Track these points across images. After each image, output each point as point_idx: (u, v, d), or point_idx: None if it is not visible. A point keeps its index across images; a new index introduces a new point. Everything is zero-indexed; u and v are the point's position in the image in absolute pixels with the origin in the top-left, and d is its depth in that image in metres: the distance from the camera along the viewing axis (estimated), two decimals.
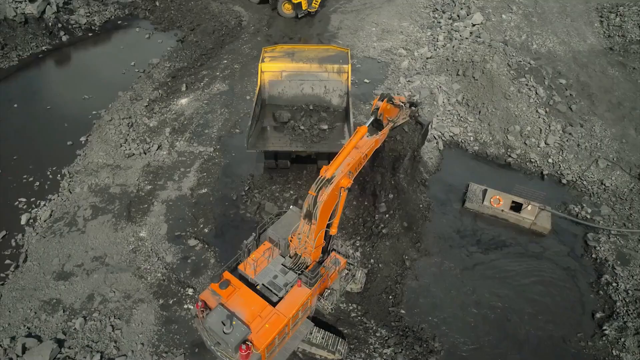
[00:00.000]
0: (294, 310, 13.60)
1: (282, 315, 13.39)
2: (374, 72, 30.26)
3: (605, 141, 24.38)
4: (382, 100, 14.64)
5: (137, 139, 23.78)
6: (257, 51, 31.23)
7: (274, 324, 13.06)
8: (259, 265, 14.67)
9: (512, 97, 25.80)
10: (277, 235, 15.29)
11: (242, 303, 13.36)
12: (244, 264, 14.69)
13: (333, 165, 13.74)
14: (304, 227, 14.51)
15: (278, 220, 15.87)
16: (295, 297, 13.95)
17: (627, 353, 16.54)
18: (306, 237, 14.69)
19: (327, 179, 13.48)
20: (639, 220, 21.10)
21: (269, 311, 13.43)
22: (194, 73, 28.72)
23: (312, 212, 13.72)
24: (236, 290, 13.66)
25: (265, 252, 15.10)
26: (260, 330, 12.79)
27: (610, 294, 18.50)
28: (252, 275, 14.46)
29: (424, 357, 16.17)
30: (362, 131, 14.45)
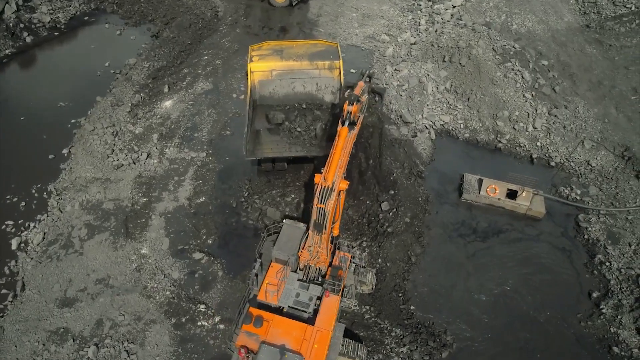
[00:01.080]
0: (332, 321, 13.75)
1: (324, 330, 13.49)
2: (359, 61, 29.71)
3: (590, 122, 25.03)
4: (353, 104, 14.57)
5: (125, 149, 22.72)
6: (237, 44, 30.12)
7: (321, 342, 13.13)
8: (277, 289, 14.49)
9: (499, 82, 25.96)
10: (284, 254, 15.14)
11: (282, 333, 13.22)
12: (263, 293, 14.44)
13: (330, 172, 13.64)
14: (314, 239, 14.43)
15: (278, 239, 15.62)
16: (329, 308, 14.04)
17: (624, 330, 17.50)
18: (318, 247, 14.64)
19: (330, 188, 13.35)
20: (625, 199, 21.99)
21: (311, 331, 13.45)
22: (175, 72, 27.44)
23: (323, 223, 13.63)
24: (270, 322, 13.45)
25: (278, 274, 14.92)
26: (312, 353, 12.80)
27: (604, 273, 19.39)
28: (275, 301, 14.29)
29: (438, 351, 16.63)
30: (345, 133, 14.41)
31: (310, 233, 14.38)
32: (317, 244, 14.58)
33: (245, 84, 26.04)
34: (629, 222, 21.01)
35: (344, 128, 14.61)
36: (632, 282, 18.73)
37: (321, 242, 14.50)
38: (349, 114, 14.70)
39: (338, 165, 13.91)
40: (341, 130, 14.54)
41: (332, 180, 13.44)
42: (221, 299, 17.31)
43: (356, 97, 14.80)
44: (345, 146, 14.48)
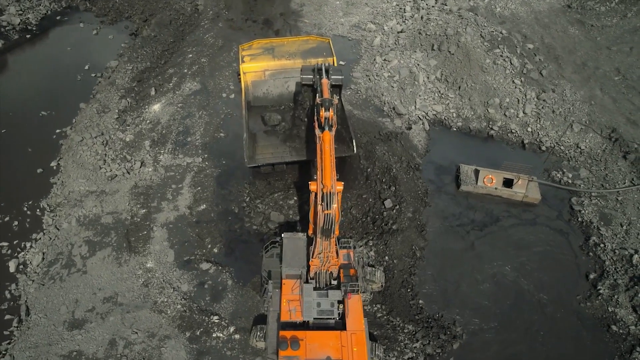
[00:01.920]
0: (362, 320, 14.02)
1: (358, 332, 13.71)
2: (347, 52, 29.28)
3: (577, 104, 25.50)
4: (329, 110, 14.52)
5: (117, 158, 22.01)
6: (222, 40, 29.22)
7: (359, 343, 13.41)
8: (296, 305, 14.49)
9: (489, 69, 26.07)
10: (294, 269, 15.10)
11: (320, 346, 13.36)
12: (286, 313, 14.38)
13: (327, 178, 13.61)
14: (323, 245, 14.41)
15: (283, 255, 15.53)
16: (355, 308, 14.26)
17: (620, 308, 18.32)
18: (327, 252, 14.66)
19: (331, 192, 13.31)
20: (614, 180, 22.71)
21: (345, 335, 13.63)
22: (160, 73, 26.49)
23: (331, 227, 13.63)
24: (304, 340, 13.48)
25: (293, 289, 14.90)
26: (355, 356, 13.01)
27: (599, 254, 20.13)
28: (299, 317, 14.29)
29: (449, 343, 17.09)
30: (329, 137, 14.47)
31: (319, 240, 14.34)
32: (326, 249, 14.59)
33: (235, 82, 25.60)
34: (619, 202, 21.76)
35: (327, 133, 14.51)
36: (626, 262, 19.52)
37: (330, 246, 14.52)
38: (327, 120, 14.57)
39: (331, 169, 13.88)
40: (324, 136, 14.44)
41: (330, 185, 13.39)
42: (234, 308, 17.25)
43: (330, 102, 14.69)
44: (331, 150, 14.44)
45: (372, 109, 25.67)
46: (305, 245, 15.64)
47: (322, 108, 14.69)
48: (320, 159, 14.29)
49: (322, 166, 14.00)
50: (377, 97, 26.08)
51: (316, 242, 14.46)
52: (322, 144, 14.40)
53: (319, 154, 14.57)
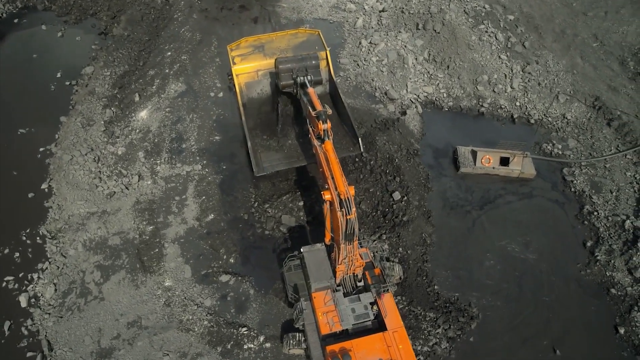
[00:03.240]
0: (399, 317, 14.51)
1: (399, 329, 14.17)
2: (330, 36, 28.47)
3: (560, 75, 26.10)
4: (327, 122, 14.56)
5: (112, 174, 21.10)
6: (199, 33, 27.80)
7: (402, 340, 13.86)
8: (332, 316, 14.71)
9: (475, 46, 26.12)
10: (322, 282, 15.27)
11: (368, 352, 13.68)
12: (325, 326, 14.57)
13: (340, 185, 13.75)
14: (347, 249, 14.60)
15: (308, 270, 15.60)
16: (390, 307, 14.71)
17: (617, 272, 19.65)
18: (352, 256, 14.88)
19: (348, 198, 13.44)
20: (601, 148, 23.73)
21: (388, 336, 14.08)
22: (141, 76, 25.08)
23: (354, 231, 13.82)
24: (352, 350, 13.75)
25: (325, 300, 15.08)
26: (402, 354, 13.47)
27: (594, 222, 21.29)
28: (338, 327, 14.54)
29: (468, 324, 18.00)
30: (331, 147, 14.57)
31: (342, 246, 14.47)
32: (350, 252, 14.79)
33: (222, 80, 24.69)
34: (608, 170, 22.86)
35: (328, 142, 14.52)
36: (619, 227, 20.76)
37: (354, 250, 14.73)
38: (326, 131, 14.51)
39: (341, 174, 13.96)
40: (326, 146, 14.44)
41: (345, 190, 13.51)
42: (260, 317, 17.42)
43: (325, 113, 14.62)
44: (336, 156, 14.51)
45: (364, 95, 25.42)
46: (326, 256, 15.77)
47: (319, 121, 14.43)
48: (328, 168, 14.23)
49: (331, 174, 13.99)
50: (367, 83, 25.79)
51: (340, 248, 14.58)
52: (326, 153, 14.27)
53: (324, 164, 14.49)
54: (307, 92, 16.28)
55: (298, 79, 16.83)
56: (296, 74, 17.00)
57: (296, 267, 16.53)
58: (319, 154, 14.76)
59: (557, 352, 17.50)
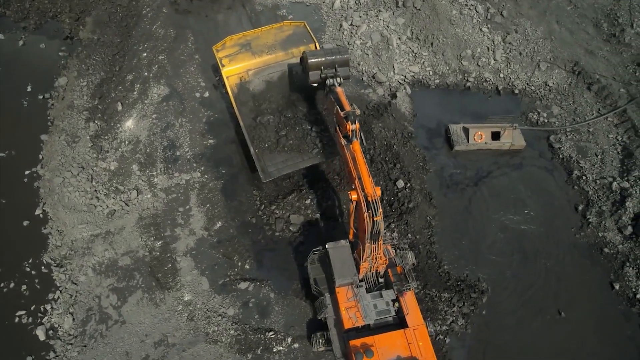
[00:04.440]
0: (420, 315, 15.03)
1: (419, 327, 14.73)
2: (309, 19, 27.42)
3: (540, 42, 26.42)
4: (356, 123, 14.51)
5: (109, 192, 20.32)
6: (172, 29, 26.34)
7: (423, 338, 14.42)
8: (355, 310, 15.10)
9: (457, 21, 25.95)
10: (346, 278, 15.58)
11: (390, 348, 14.20)
12: (348, 321, 14.95)
13: (367, 186, 13.94)
14: (371, 248, 14.91)
15: (333, 266, 15.84)
16: (412, 305, 15.22)
17: (609, 232, 20.88)
18: (376, 254, 15.23)
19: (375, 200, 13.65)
20: (583, 113, 24.55)
21: (409, 333, 14.61)
22: (120, 82, 23.74)
23: (379, 232, 14.11)
24: (374, 345, 14.20)
25: (348, 295, 15.44)
26: (422, 351, 14.03)
27: (583, 186, 22.34)
28: (360, 322, 14.96)
29: (479, 299, 18.93)
30: (358, 147, 14.59)
31: (367, 245, 14.75)
32: (375, 251, 15.11)
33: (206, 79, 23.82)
34: (591, 134, 23.77)
35: (356, 143, 14.46)
36: (607, 189, 21.87)
37: (379, 248, 15.05)
38: (355, 131, 14.44)
39: (369, 176, 14.07)
40: (355, 146, 14.41)
41: (372, 192, 13.67)
42: (285, 319, 17.71)
43: (354, 114, 14.51)
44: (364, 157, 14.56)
45: (351, 81, 25.02)
46: (350, 252, 16.03)
47: (347, 122, 14.29)
48: (355, 169, 14.24)
49: (358, 175, 14.04)
50: (353, 67, 25.35)
51: (365, 246, 14.82)
52: (354, 154, 14.23)
53: (351, 164, 14.48)
54: (335, 91, 15.81)
55: (328, 80, 16.29)
56: (325, 73, 16.43)
57: (319, 261, 16.71)
58: (346, 154, 14.69)
59: (562, 314, 18.73)
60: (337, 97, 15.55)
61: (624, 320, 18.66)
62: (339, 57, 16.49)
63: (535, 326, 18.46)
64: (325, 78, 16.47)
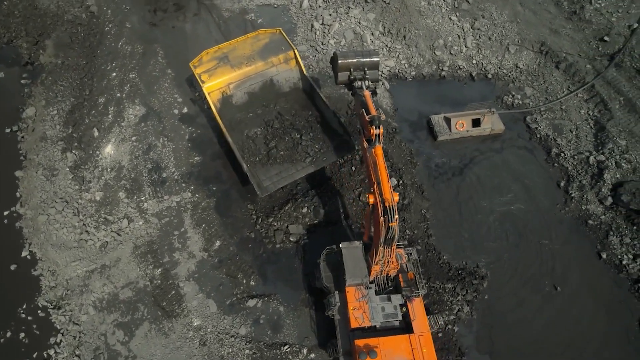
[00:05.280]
0: (426, 322, 15.17)
1: (424, 333, 14.87)
2: (278, 22, 27.04)
3: (506, 26, 26.93)
4: (380, 127, 14.48)
5: (98, 224, 19.47)
6: (139, 44, 25.23)
7: (427, 344, 14.57)
8: (363, 311, 15.20)
9: (426, 12, 26.05)
10: (356, 279, 15.65)
11: (393, 351, 14.30)
12: (355, 321, 15.05)
13: (386, 191, 13.94)
14: (385, 252, 15.01)
15: (345, 265, 15.87)
16: (419, 311, 15.35)
17: (591, 204, 21.80)
18: (388, 258, 15.34)
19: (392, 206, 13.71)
20: (554, 91, 25.33)
21: (414, 338, 14.74)
22: (92, 107, 22.59)
23: (393, 237, 14.19)
24: (378, 346, 14.34)
25: (357, 296, 15.53)
26: (425, 358, 14.20)
27: (562, 162, 23.17)
28: (367, 323, 15.09)
29: (480, 284, 19.48)
30: (381, 152, 14.53)
31: (380, 248, 14.79)
32: (387, 255, 15.20)
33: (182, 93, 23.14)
34: (564, 111, 24.61)
35: (379, 147, 14.37)
36: (585, 163, 22.76)
37: (391, 253, 15.13)
38: (377, 136, 14.41)
39: (388, 181, 14.10)
40: (377, 151, 14.30)
41: (390, 198, 13.71)
42: (298, 331, 17.66)
43: (378, 119, 14.37)
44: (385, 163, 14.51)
45: (330, 82, 24.81)
46: (363, 254, 16.10)
47: (372, 126, 14.17)
48: (374, 173, 14.21)
49: (377, 180, 14.01)
50: (330, 67, 25.08)
51: (378, 250, 14.87)
52: (375, 158, 14.20)
53: (371, 168, 14.44)
54: (362, 94, 15.55)
55: (356, 83, 15.88)
56: (354, 74, 16.03)
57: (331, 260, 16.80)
58: (367, 158, 14.61)
59: (558, 289, 19.55)
60: (364, 100, 15.30)
61: (614, 287, 19.65)
62: (369, 59, 16.06)
63: (535, 303, 19.18)
64: (353, 80, 16.09)
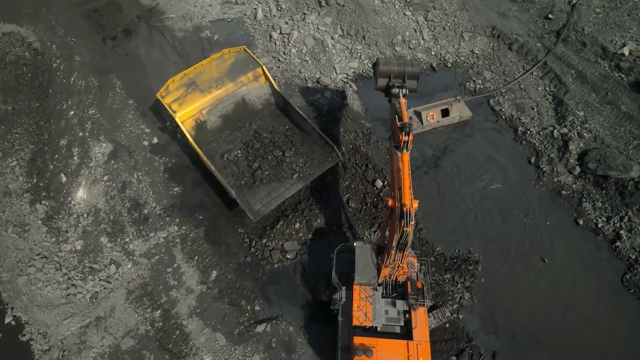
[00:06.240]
0: (427, 332, 15.19)
1: (423, 342, 14.89)
2: (236, 37, 26.35)
3: (458, 14, 27.61)
4: (409, 134, 14.54)
5: (84, 274, 18.30)
6: (93, 77, 23.81)
7: (424, 353, 14.60)
8: (367, 310, 15.24)
9: (381, 10, 26.19)
10: (365, 278, 15.69)
11: (390, 354, 14.37)
12: (357, 318, 15.08)
13: (406, 197, 13.93)
14: (396, 256, 15.03)
15: (356, 264, 15.91)
16: (421, 320, 15.36)
17: (561, 175, 22.86)
18: (399, 263, 15.39)
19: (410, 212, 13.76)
20: (511, 72, 26.28)
21: (413, 346, 14.76)
22: (55, 151, 21.11)
23: (407, 242, 14.25)
24: (376, 347, 14.37)
25: (363, 295, 15.57)
26: None
27: (529, 139, 24.16)
28: (369, 323, 15.16)
29: (476, 269, 20.06)
30: (407, 158, 14.59)
31: (392, 252, 14.78)
32: (398, 259, 15.22)
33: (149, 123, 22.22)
34: (524, 90, 25.59)
35: (406, 154, 14.43)
36: (550, 137, 23.82)
37: (402, 258, 15.17)
38: (406, 143, 14.39)
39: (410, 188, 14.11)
40: (403, 157, 14.36)
41: (409, 204, 13.73)
42: (312, 348, 17.46)
43: (409, 126, 14.39)
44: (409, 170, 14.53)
45: (298, 91, 24.57)
46: (375, 255, 16.12)
47: (402, 133, 14.21)
48: (397, 178, 14.21)
49: (399, 185, 14.00)
50: (296, 76, 24.84)
51: (390, 253, 14.86)
52: (401, 164, 14.22)
53: (396, 173, 14.48)
54: (398, 102, 15.55)
55: (394, 90, 15.84)
56: (393, 82, 15.96)
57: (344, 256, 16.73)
58: (394, 163, 14.68)
59: (546, 260, 20.46)
60: (398, 107, 15.36)
61: (595, 249, 20.75)
62: (409, 68, 16.02)
63: (528, 278, 19.93)
64: (391, 86, 16.04)
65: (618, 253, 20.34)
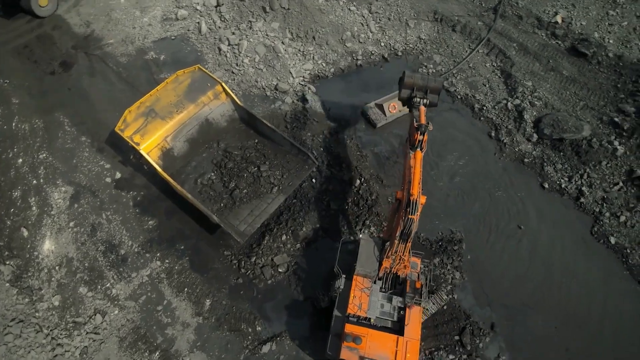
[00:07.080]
0: (419, 330, 15.37)
1: (413, 340, 15.09)
2: (183, 55, 25.27)
3: (399, 3, 28.00)
4: (424, 134, 14.80)
5: (69, 330, 17.01)
6: (40, 120, 22.00)
7: (412, 351, 14.82)
8: (362, 301, 15.34)
9: (326, 8, 26.04)
10: (366, 269, 15.77)
11: (377, 346, 14.58)
12: (352, 307, 15.15)
13: (415, 187, 14.16)
14: (399, 247, 15.14)
15: (359, 255, 15.97)
16: (415, 318, 15.53)
17: (521, 144, 23.75)
18: (401, 254, 15.52)
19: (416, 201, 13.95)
20: (459, 52, 27.11)
21: (402, 341, 14.95)
22: (9, 205, 19.31)
23: (410, 232, 14.41)
24: (366, 337, 14.55)
25: (362, 286, 15.66)
26: None
27: (486, 115, 25.09)
28: (363, 314, 15.31)
29: (460, 248, 20.64)
30: (420, 156, 14.92)
31: (395, 242, 14.85)
32: (401, 251, 15.30)
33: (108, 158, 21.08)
34: (473, 68, 26.50)
35: (419, 152, 14.80)
36: (505, 109, 24.83)
37: (405, 250, 15.27)
38: (420, 142, 14.72)
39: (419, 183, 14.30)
40: (417, 154, 14.73)
41: (417, 194, 13.91)
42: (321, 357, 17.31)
43: (425, 127, 14.68)
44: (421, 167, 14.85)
45: (257, 100, 24.03)
46: (379, 249, 16.22)
47: (417, 132, 14.62)
48: (408, 174, 14.64)
49: (410, 179, 14.39)
50: (253, 86, 24.26)
51: (393, 243, 14.99)
52: (414, 161, 14.62)
53: (407, 170, 14.95)
54: (418, 109, 16.37)
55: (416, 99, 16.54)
56: (415, 93, 16.69)
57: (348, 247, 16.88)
58: (407, 160, 15.17)
59: (522, 227, 21.41)
60: (417, 114, 16.10)
61: (563, 209, 21.97)
62: (432, 83, 16.74)
63: (508, 246, 20.77)
64: (414, 97, 16.76)
65: (584, 209, 21.64)
